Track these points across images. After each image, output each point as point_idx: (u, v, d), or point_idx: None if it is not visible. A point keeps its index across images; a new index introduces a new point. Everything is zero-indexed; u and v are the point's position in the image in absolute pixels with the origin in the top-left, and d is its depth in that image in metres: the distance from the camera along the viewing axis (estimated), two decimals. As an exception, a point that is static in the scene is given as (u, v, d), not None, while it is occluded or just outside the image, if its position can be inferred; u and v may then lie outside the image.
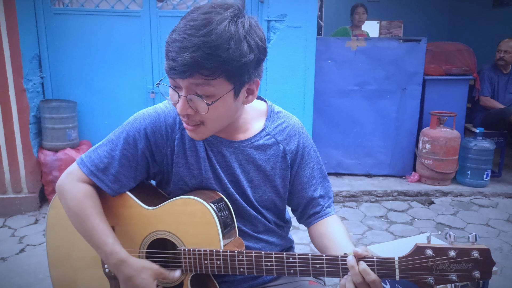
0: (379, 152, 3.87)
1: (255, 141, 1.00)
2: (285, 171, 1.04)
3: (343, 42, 3.70)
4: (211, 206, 0.92)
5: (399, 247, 1.71)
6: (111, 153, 0.96)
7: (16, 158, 3.05)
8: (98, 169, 0.96)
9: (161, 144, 0.97)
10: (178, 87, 0.85)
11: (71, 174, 0.98)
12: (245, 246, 1.00)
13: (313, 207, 1.08)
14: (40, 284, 2.18)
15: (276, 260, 0.87)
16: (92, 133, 3.33)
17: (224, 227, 0.93)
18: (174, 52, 0.80)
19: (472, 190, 3.62)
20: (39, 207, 3.14)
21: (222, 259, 0.90)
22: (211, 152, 0.99)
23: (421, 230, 2.95)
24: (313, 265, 0.85)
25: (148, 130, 0.96)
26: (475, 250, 0.76)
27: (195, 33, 0.79)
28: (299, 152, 1.05)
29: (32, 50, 3.09)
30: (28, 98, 3.03)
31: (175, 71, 0.81)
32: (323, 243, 1.03)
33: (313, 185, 1.07)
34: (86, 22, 3.18)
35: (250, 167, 1.01)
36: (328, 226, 1.05)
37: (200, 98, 0.83)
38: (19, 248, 2.59)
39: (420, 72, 3.70)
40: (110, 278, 1.02)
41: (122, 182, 0.98)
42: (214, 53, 0.78)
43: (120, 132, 0.98)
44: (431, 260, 0.78)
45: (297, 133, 1.06)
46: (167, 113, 0.98)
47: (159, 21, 3.20)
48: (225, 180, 1.00)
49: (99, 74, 3.27)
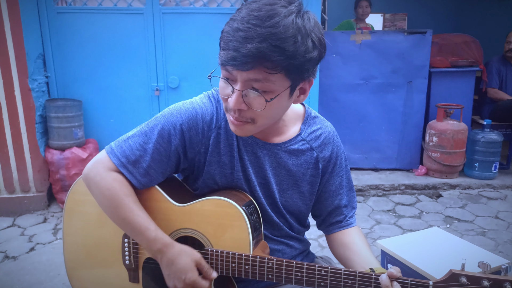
0: (386, 146, 3.85)
1: (290, 145, 0.99)
2: (315, 178, 1.03)
3: (348, 35, 3.67)
4: (243, 210, 0.91)
5: (408, 241, 1.70)
6: (143, 145, 0.93)
7: (24, 157, 3.07)
8: (129, 161, 0.93)
9: (195, 141, 0.95)
10: (233, 80, 0.81)
11: (99, 163, 0.94)
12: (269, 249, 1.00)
13: (336, 215, 1.07)
14: (51, 282, 2.20)
15: (307, 272, 0.86)
16: (98, 132, 3.34)
17: (254, 231, 0.92)
18: (236, 41, 0.75)
19: (480, 182, 3.59)
20: (47, 206, 3.16)
21: (251, 264, 0.89)
22: (245, 153, 0.97)
23: (430, 224, 2.93)
24: (344, 281, 0.84)
25: (184, 127, 0.93)
26: (508, 282, 0.77)
27: (261, 24, 0.74)
28: (332, 160, 1.04)
29: (37, 50, 3.09)
30: (33, 97, 3.04)
31: (236, 62, 0.76)
32: (345, 254, 1.02)
33: (340, 194, 1.07)
34: (89, 20, 3.18)
35: (281, 171, 0.99)
36: (350, 237, 1.04)
37: (258, 93, 0.80)
38: (29, 246, 2.61)
39: (426, 65, 3.67)
40: (129, 269, 1.02)
41: (152, 177, 0.95)
42: (281, 46, 0.74)
43: (155, 124, 0.94)
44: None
45: (332, 141, 1.04)
46: (204, 110, 0.94)
47: (163, 18, 3.19)
48: (255, 182, 0.99)
49: (104, 72, 3.28)
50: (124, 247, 1.01)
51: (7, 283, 2.20)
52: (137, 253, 1.01)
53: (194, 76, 3.32)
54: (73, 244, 1.07)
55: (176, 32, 3.24)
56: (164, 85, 3.32)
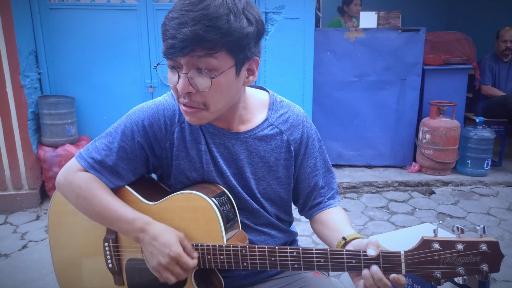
0: (379, 143, 3.87)
1: (258, 131, 0.99)
2: (289, 161, 1.02)
3: (342, 33, 3.67)
4: (212, 201, 0.91)
5: (401, 237, 1.71)
6: (109, 145, 0.96)
7: (16, 154, 3.04)
8: (95, 161, 0.95)
9: (160, 137, 0.96)
10: (178, 67, 0.83)
11: (69, 168, 0.98)
12: (248, 239, 1.00)
13: (314, 198, 1.06)
14: (43, 280, 2.19)
15: (280, 255, 0.86)
16: (91, 129, 3.32)
17: (226, 222, 0.92)
18: (172, 29, 0.78)
19: (472, 179, 3.63)
20: (40, 203, 3.14)
21: (226, 254, 0.89)
22: (213, 145, 0.97)
23: (422, 220, 2.96)
24: (317, 260, 0.84)
25: (146, 123, 0.95)
26: (484, 243, 0.74)
27: (193, 9, 0.78)
28: (303, 142, 1.03)
29: (29, 46, 3.06)
30: (26, 94, 3.01)
31: (175, 49, 0.79)
32: (323, 231, 1.02)
33: (316, 175, 1.06)
34: (82, 16, 3.15)
35: (254, 158, 0.99)
36: (328, 214, 1.04)
37: (202, 72, 0.81)
38: (21, 244, 2.59)
39: (420, 62, 3.69)
40: (114, 273, 1.02)
41: (120, 174, 0.97)
42: (215, 25, 0.78)
43: (119, 125, 0.97)
44: (438, 254, 0.76)
45: (301, 123, 1.04)
46: (166, 105, 0.97)
47: (156, 15, 3.18)
48: (228, 172, 0.98)
49: (97, 69, 3.26)
50: (105, 251, 1.01)
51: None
52: (118, 255, 1.01)
53: (188, 73, 3.31)
54: (61, 256, 1.08)
55: (169, 28, 3.22)
56: (158, 81, 3.30)
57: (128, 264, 1.01)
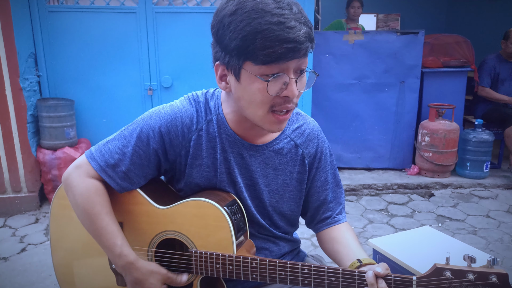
0: (378, 146, 3.87)
1: (275, 144, 0.98)
2: (302, 175, 1.02)
3: (341, 35, 3.68)
4: (225, 210, 0.90)
5: (400, 240, 1.71)
6: (123, 149, 0.93)
7: (15, 157, 3.04)
8: (108, 165, 0.93)
9: (175, 144, 0.94)
10: (282, 72, 0.80)
11: (79, 168, 0.95)
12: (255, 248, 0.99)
13: (323, 212, 1.07)
14: (42, 283, 2.18)
15: (291, 270, 0.86)
16: (91, 131, 3.32)
17: (237, 231, 0.91)
18: (286, 33, 0.75)
19: (471, 182, 3.63)
20: (39, 206, 3.13)
21: (235, 265, 0.89)
22: (231, 154, 0.96)
23: (422, 223, 2.95)
24: (328, 278, 0.84)
25: (163, 129, 0.92)
26: (494, 274, 0.76)
27: (290, 13, 0.77)
28: (317, 156, 1.04)
29: (28, 49, 3.06)
30: (25, 97, 3.01)
31: (294, 52, 0.76)
32: (333, 248, 1.02)
33: (326, 190, 1.06)
34: (81, 19, 3.16)
35: (269, 171, 0.99)
36: (338, 231, 1.04)
37: (302, 72, 0.82)
38: (20, 247, 2.58)
39: (419, 65, 3.69)
40: (116, 274, 1.01)
41: (132, 180, 0.95)
42: (311, 26, 0.80)
43: (134, 128, 0.94)
44: (449, 282, 0.78)
45: (316, 137, 1.04)
46: (184, 112, 0.94)
47: (155, 17, 3.18)
48: (241, 183, 0.98)
49: (96, 71, 3.26)
50: None
51: (-2, 284, 2.18)
52: None
53: (187, 76, 3.31)
54: (61, 249, 1.07)
55: (169, 31, 3.23)
56: (157, 84, 3.30)
57: None
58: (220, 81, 0.88)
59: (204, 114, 0.95)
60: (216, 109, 0.95)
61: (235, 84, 0.85)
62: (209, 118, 0.95)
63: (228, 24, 0.78)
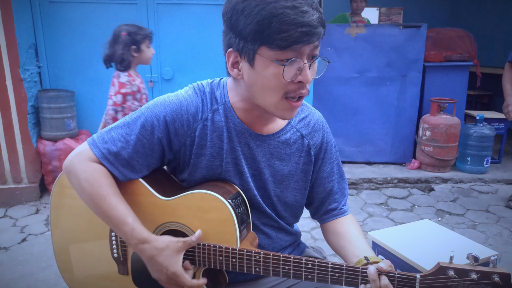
0: (379, 140, 3.87)
1: (281, 134, 0.98)
2: (308, 166, 1.02)
3: (343, 29, 3.66)
4: (229, 203, 0.90)
5: (399, 232, 1.72)
6: (126, 137, 0.91)
7: (16, 148, 3.04)
8: (110, 153, 0.91)
9: (180, 134, 0.93)
10: (297, 57, 0.80)
11: (81, 154, 0.93)
12: (258, 240, 1.00)
13: (329, 203, 1.07)
14: (42, 273, 2.20)
15: (294, 265, 0.86)
16: (91, 123, 3.32)
17: (240, 224, 0.91)
18: (301, 17, 0.76)
19: (472, 176, 3.63)
20: (39, 197, 3.14)
21: (238, 258, 0.89)
22: (237, 143, 0.95)
23: (421, 217, 2.96)
24: (332, 274, 0.84)
25: (168, 118, 0.91)
26: (496, 274, 0.77)
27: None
28: (323, 147, 1.03)
29: (28, 40, 3.05)
30: (25, 88, 3.01)
31: (309, 36, 0.77)
32: (339, 243, 1.02)
33: (332, 181, 1.06)
34: (82, 10, 3.14)
35: (275, 161, 0.98)
36: (344, 225, 1.04)
37: (313, 58, 0.83)
38: (21, 237, 2.60)
39: (421, 59, 3.68)
40: (118, 262, 1.01)
41: (135, 168, 0.93)
42: (321, 11, 0.81)
43: (138, 116, 0.92)
44: (452, 281, 0.79)
45: (321, 128, 1.04)
46: (189, 101, 0.93)
47: (156, 9, 3.16)
48: (247, 173, 0.97)
49: (97, 63, 3.23)
50: (111, 240, 1.01)
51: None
52: (125, 246, 1.00)
53: (188, 68, 3.30)
54: (62, 238, 1.06)
55: (170, 23, 3.21)
56: (158, 76, 3.30)
57: (134, 255, 1.00)
58: (232, 68, 0.87)
59: (210, 103, 0.95)
60: (222, 98, 0.95)
61: (249, 70, 0.84)
62: (215, 107, 0.94)
63: (242, 10, 0.78)
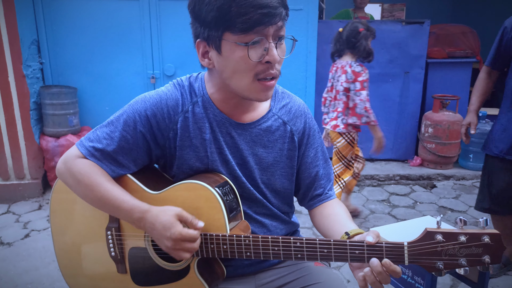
0: (381, 136, 3.85)
1: (263, 122, 1.00)
2: (292, 152, 1.03)
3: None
4: (216, 191, 0.91)
5: (401, 229, 1.72)
6: (110, 134, 0.95)
7: (18, 144, 3.05)
8: (96, 149, 0.95)
9: (163, 127, 0.96)
10: (262, 38, 0.83)
11: (69, 155, 0.98)
12: (250, 229, 1.00)
13: (315, 189, 1.08)
14: (46, 268, 2.21)
15: (283, 245, 0.87)
16: (93, 119, 3.32)
17: (229, 211, 0.92)
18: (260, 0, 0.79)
19: (474, 173, 3.62)
20: (42, 193, 3.16)
21: (229, 244, 0.89)
22: (219, 133, 0.97)
23: (423, 214, 2.96)
24: (320, 250, 0.84)
25: (149, 112, 0.95)
26: (486, 235, 0.75)
27: None
28: (306, 132, 1.05)
29: (31, 35, 3.05)
30: (28, 84, 3.01)
31: (269, 17, 0.80)
32: (324, 224, 1.03)
33: (317, 166, 1.07)
34: (84, 5, 3.14)
35: (258, 149, 1.00)
36: (330, 208, 1.06)
37: (281, 39, 0.85)
38: (24, 233, 2.61)
39: (423, 55, 3.66)
40: (116, 261, 1.02)
41: (121, 163, 0.97)
42: None
43: (120, 114, 0.97)
44: (441, 245, 0.77)
45: (303, 114, 1.06)
46: (169, 95, 0.96)
47: (159, 5, 3.16)
48: (233, 162, 0.99)
49: (99, 59, 3.25)
50: (108, 239, 1.02)
51: (2, 269, 2.20)
52: (121, 244, 1.01)
53: (190, 64, 3.30)
54: (63, 243, 1.08)
55: (172, 19, 3.20)
56: (160, 72, 3.29)
57: (131, 253, 1.01)
58: (202, 58, 0.91)
59: (190, 96, 0.97)
60: (200, 91, 0.97)
61: (217, 57, 0.87)
62: (194, 100, 0.97)
63: None
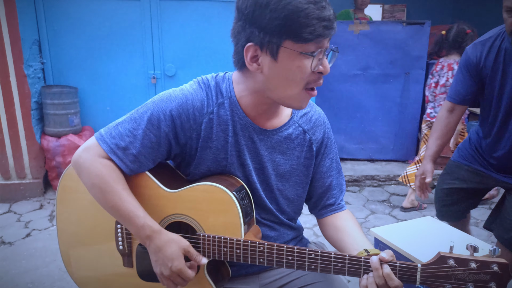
0: (382, 137, 3.86)
1: (284, 129, 1.00)
2: (309, 160, 1.04)
3: (346, 25, 3.65)
4: (234, 195, 0.91)
5: (401, 229, 1.72)
6: (133, 132, 0.92)
7: (19, 144, 3.06)
8: (118, 147, 0.93)
9: (186, 128, 0.94)
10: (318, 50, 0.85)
11: (89, 149, 0.94)
12: (261, 233, 1.01)
13: (327, 198, 1.08)
14: (47, 267, 2.21)
15: (298, 255, 0.88)
16: (94, 119, 3.33)
17: (245, 216, 0.93)
18: (321, 12, 0.81)
19: (474, 174, 3.61)
20: (43, 193, 3.16)
21: (243, 249, 0.90)
22: (242, 137, 0.97)
23: (424, 214, 2.96)
24: (334, 264, 0.86)
25: (174, 113, 0.92)
26: (495, 263, 0.79)
27: None
28: (324, 142, 1.06)
29: (32, 36, 3.06)
30: (29, 84, 3.02)
31: (331, 29, 0.83)
32: (337, 236, 1.03)
33: (331, 176, 1.08)
34: (85, 6, 3.14)
35: (277, 155, 1.00)
36: (342, 220, 1.06)
37: (329, 50, 0.88)
38: (25, 232, 2.62)
39: (424, 56, 3.67)
40: (123, 255, 1.02)
41: (142, 163, 0.95)
42: None
43: (145, 111, 0.93)
44: (452, 270, 0.81)
45: (323, 123, 1.07)
46: (194, 96, 0.94)
47: (159, 5, 3.16)
48: (251, 166, 0.99)
49: (100, 59, 3.25)
50: (117, 232, 1.02)
51: (3, 268, 2.21)
52: (130, 239, 1.02)
53: (191, 64, 3.31)
54: (67, 232, 1.08)
55: (173, 19, 3.21)
56: (161, 73, 3.30)
57: (139, 248, 1.02)
58: (251, 62, 0.88)
59: (215, 97, 0.96)
60: (228, 92, 0.96)
61: (270, 63, 0.86)
62: (220, 101, 0.96)
63: (266, 4, 0.80)
